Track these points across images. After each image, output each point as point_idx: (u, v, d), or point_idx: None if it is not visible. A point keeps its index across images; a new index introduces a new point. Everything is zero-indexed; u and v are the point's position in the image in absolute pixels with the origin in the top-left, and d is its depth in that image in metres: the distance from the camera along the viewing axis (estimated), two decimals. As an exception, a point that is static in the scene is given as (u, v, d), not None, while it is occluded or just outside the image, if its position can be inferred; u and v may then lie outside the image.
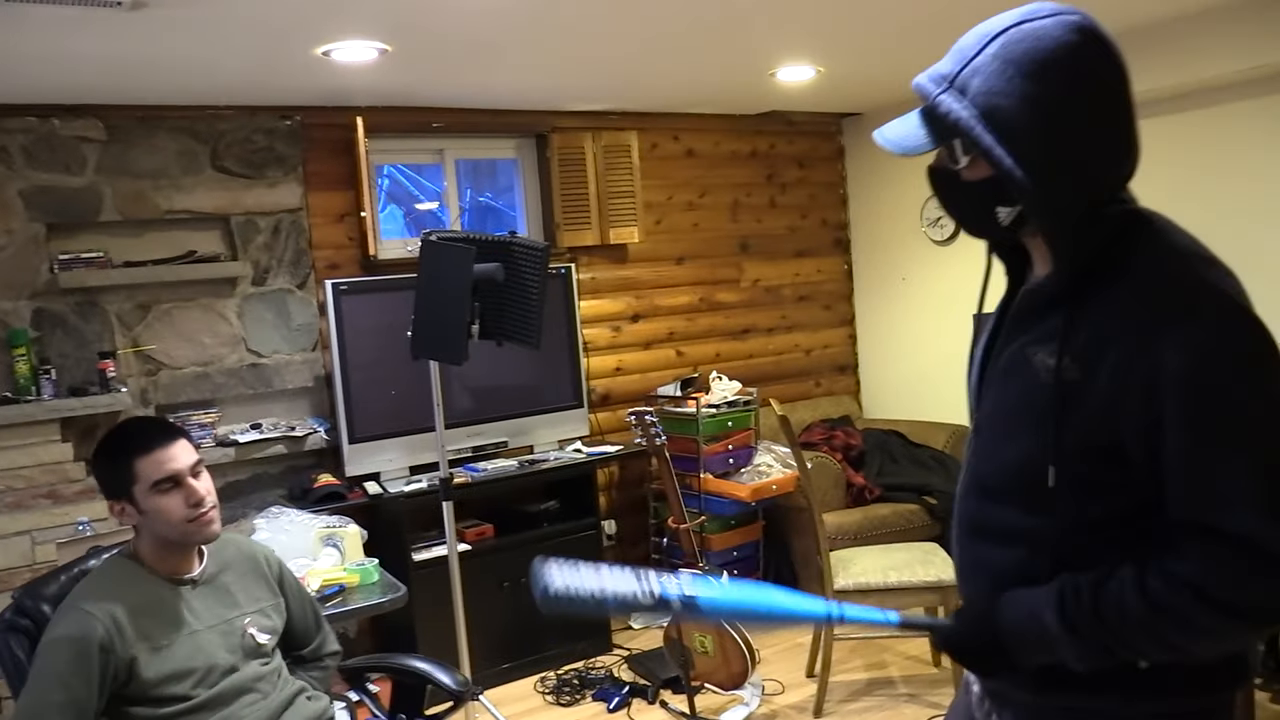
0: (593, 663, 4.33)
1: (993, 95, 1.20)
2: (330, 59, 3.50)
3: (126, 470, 2.04)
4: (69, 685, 1.90)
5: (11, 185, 3.78)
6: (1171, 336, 1.12)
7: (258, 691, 2.14)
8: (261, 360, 4.25)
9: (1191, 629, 1.13)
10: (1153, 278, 1.18)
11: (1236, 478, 1.10)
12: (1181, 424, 1.11)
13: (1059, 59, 1.18)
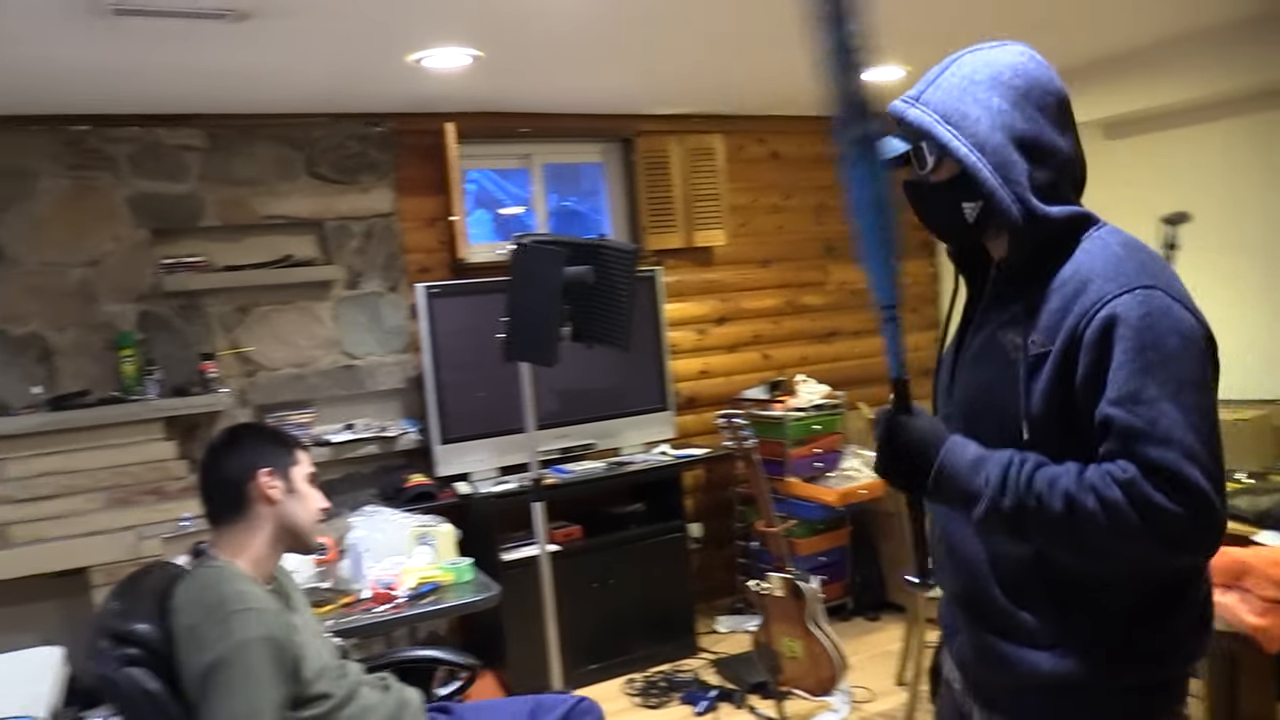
0: (680, 665, 4.33)
1: (950, 102, 1.39)
2: (422, 66, 3.55)
3: (293, 451, 2.17)
4: (275, 686, 1.91)
5: (119, 193, 3.91)
6: (1122, 301, 1.26)
7: (369, 685, 2.19)
8: (355, 362, 4.34)
9: (1107, 522, 1.21)
10: (1103, 257, 1.33)
11: (1171, 421, 1.21)
12: (1129, 370, 1.24)
13: (1007, 71, 1.39)
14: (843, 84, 1.29)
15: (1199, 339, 1.28)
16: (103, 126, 3.88)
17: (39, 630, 3.60)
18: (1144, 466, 1.20)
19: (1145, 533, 1.20)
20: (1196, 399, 1.23)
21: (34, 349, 3.79)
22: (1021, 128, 1.36)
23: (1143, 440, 1.21)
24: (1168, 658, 1.37)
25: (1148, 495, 1.19)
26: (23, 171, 3.77)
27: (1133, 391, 1.23)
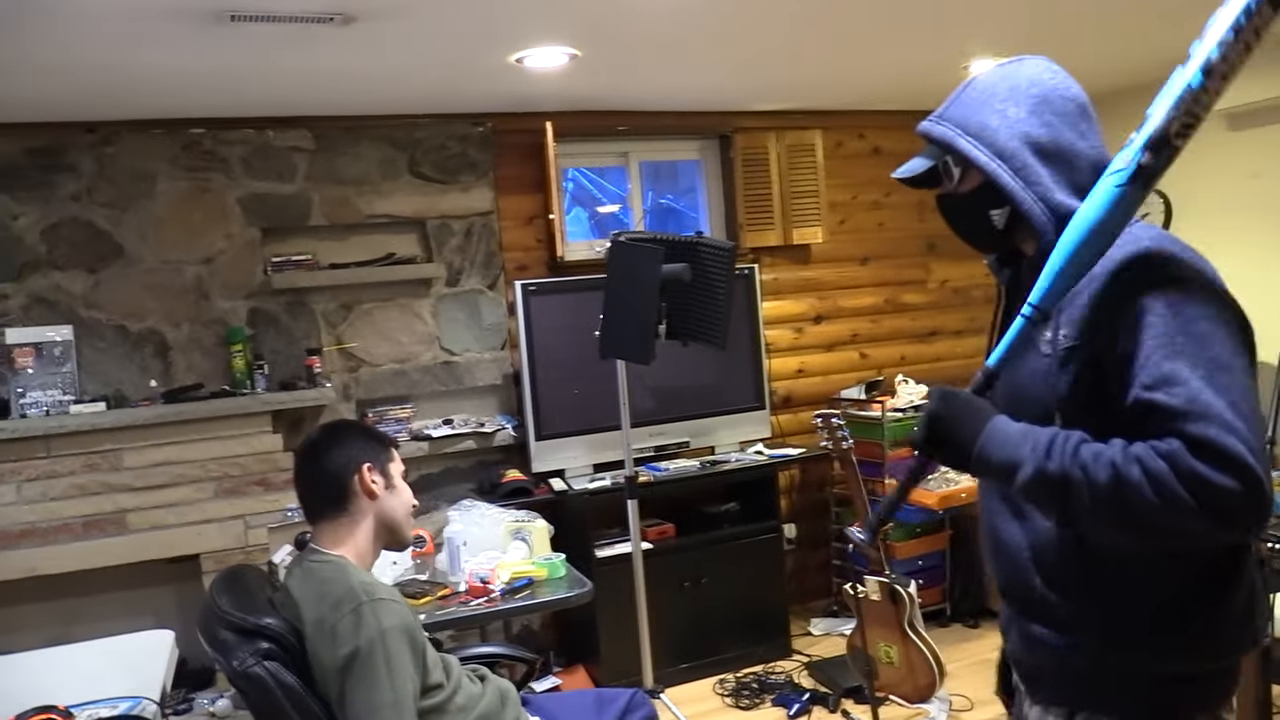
0: (772, 667, 4.28)
1: (970, 115, 1.45)
2: (522, 66, 3.58)
3: (389, 448, 2.23)
4: (412, 676, 1.97)
5: (231, 193, 4.05)
6: (1152, 293, 1.28)
7: (466, 677, 2.22)
8: (454, 358, 4.41)
9: (1153, 494, 1.19)
10: (1134, 252, 1.33)
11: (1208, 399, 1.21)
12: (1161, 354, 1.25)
13: (1024, 82, 1.45)
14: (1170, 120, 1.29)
15: (1230, 322, 1.28)
16: (216, 129, 4.02)
17: (154, 614, 3.76)
18: (1188, 442, 1.19)
19: (1191, 505, 1.18)
20: (1231, 379, 1.23)
21: (151, 344, 3.94)
22: (1039, 134, 1.41)
23: (1182, 419, 1.20)
24: (1211, 649, 1.36)
25: (1193, 467, 1.18)
26: (143, 173, 3.93)
27: (1166, 374, 1.23)
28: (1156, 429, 1.23)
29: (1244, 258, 4.55)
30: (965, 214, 1.52)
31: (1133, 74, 4.75)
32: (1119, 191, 1.28)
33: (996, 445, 1.33)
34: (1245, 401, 1.22)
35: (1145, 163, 1.27)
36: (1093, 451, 1.25)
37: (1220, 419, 1.19)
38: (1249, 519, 1.20)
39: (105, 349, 3.88)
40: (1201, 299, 1.28)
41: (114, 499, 3.64)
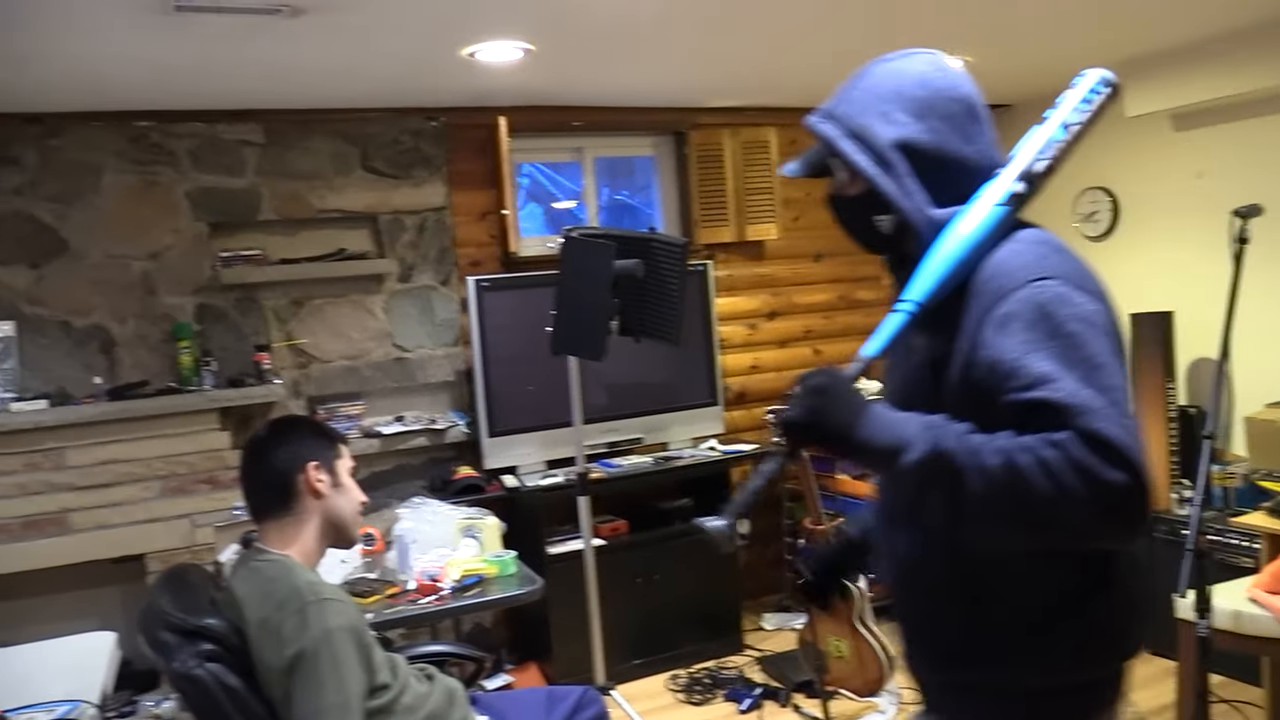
0: (724, 662, 4.30)
1: (856, 116, 1.44)
2: (475, 60, 3.56)
3: (336, 445, 2.20)
4: (360, 676, 1.93)
5: (179, 187, 3.99)
6: (1017, 295, 1.29)
7: (414, 677, 2.20)
8: (406, 355, 4.38)
9: (1044, 481, 1.17)
10: (1002, 255, 1.36)
11: (1089, 394, 1.20)
12: (1036, 356, 1.24)
13: (911, 82, 1.43)
14: None
15: (1102, 323, 1.28)
16: (164, 122, 3.96)
17: (98, 616, 3.69)
18: (1077, 433, 1.18)
19: (1083, 495, 1.16)
20: (1108, 377, 1.23)
21: (96, 340, 3.88)
22: (923, 140, 1.40)
23: (1067, 413, 1.19)
24: (1087, 659, 1.37)
25: (1084, 457, 1.16)
26: (88, 167, 3.86)
27: (1044, 374, 1.22)
28: (1045, 422, 1.20)
29: (1189, 256, 4.64)
30: (853, 216, 1.51)
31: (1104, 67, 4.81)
32: (999, 211, 1.39)
33: (881, 426, 1.29)
34: (1124, 399, 1.22)
35: (1020, 191, 1.41)
36: (982, 438, 1.23)
37: (1105, 413, 1.18)
38: (1136, 514, 1.18)
39: (48, 345, 3.80)
40: (1072, 301, 1.28)
41: (56, 498, 3.57)
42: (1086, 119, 1.45)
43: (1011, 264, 1.33)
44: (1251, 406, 4.07)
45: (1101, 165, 5.03)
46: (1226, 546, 3.64)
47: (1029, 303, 1.27)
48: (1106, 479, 1.15)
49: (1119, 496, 1.16)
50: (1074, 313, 1.27)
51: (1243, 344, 3.44)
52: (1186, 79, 4.29)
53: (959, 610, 1.40)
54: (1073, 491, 1.16)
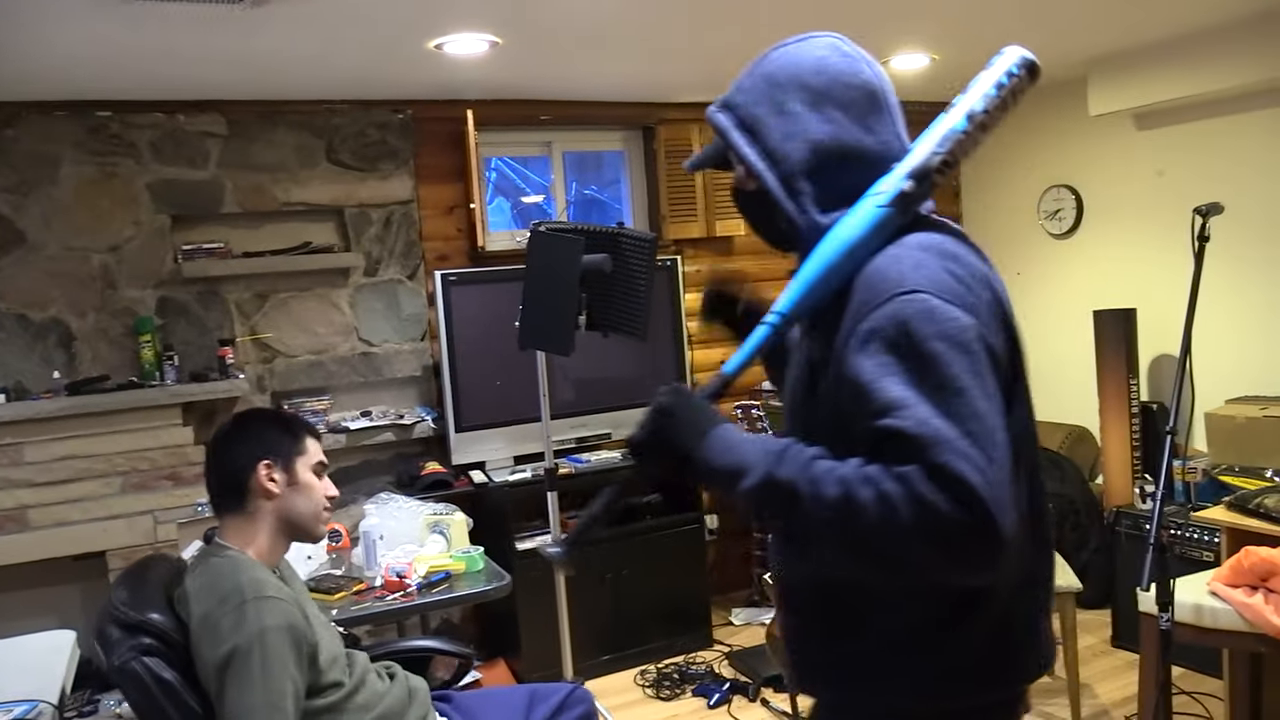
0: (693, 658, 4.31)
1: (748, 107, 1.36)
2: (442, 52, 3.53)
3: (299, 440, 2.13)
4: (293, 675, 1.89)
5: (139, 179, 3.92)
6: (881, 312, 1.19)
7: (374, 673, 2.18)
8: (372, 349, 4.34)
9: (881, 515, 1.11)
10: (876, 264, 1.25)
11: (940, 425, 1.12)
12: (890, 380, 1.16)
13: (808, 70, 1.33)
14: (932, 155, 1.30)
15: (969, 340, 1.17)
16: (124, 113, 3.89)
17: (58, 613, 3.64)
18: (923, 466, 1.10)
19: (920, 533, 1.10)
20: (965, 404, 1.13)
21: (55, 334, 3.81)
22: (818, 133, 1.32)
23: (914, 444, 1.11)
24: (957, 686, 1.29)
25: (922, 494, 1.09)
26: (46, 157, 3.78)
27: (895, 399, 1.14)
28: (891, 456, 1.13)
29: (1151, 254, 4.69)
30: (755, 212, 1.42)
31: (1067, 66, 4.86)
32: (880, 212, 1.28)
33: (721, 449, 1.25)
34: (982, 428, 1.12)
35: (908, 190, 1.28)
36: (827, 466, 1.18)
37: (952, 445, 1.10)
38: (979, 554, 1.11)
39: (5, 339, 3.73)
40: (938, 317, 1.17)
41: (14, 494, 3.51)
42: (995, 107, 1.30)
43: (883, 274, 1.23)
44: (1212, 402, 4.13)
45: (1066, 163, 5.08)
46: (1188, 540, 3.69)
47: (892, 319, 1.18)
48: (948, 517, 1.08)
49: (960, 536, 1.09)
50: (938, 330, 1.16)
51: (1204, 340, 3.50)
52: (1149, 79, 4.34)
53: (823, 629, 1.35)
54: (911, 529, 1.10)
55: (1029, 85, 1.32)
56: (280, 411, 2.24)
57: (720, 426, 1.27)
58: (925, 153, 1.30)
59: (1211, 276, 2.94)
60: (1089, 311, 4.54)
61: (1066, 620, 3.47)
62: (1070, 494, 4.56)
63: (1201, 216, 2.87)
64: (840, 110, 1.32)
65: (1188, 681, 3.61)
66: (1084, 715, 3.50)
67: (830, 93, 1.32)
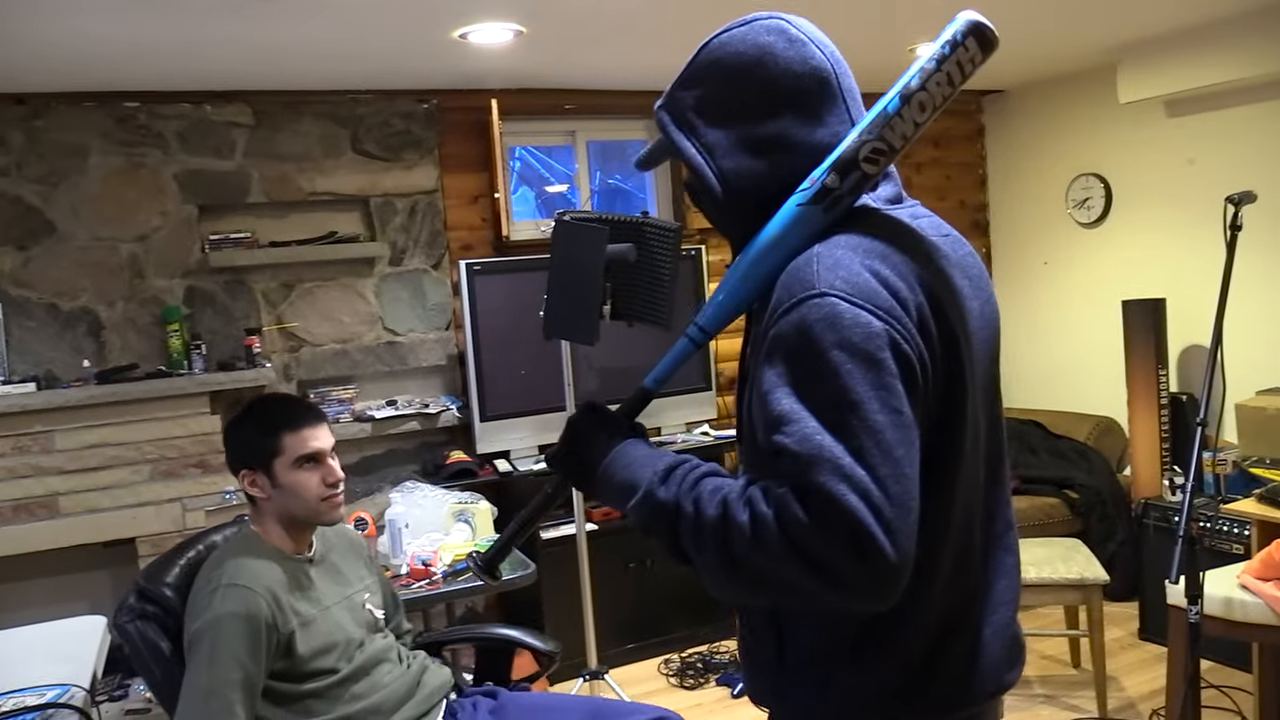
0: (716, 647, 4.31)
1: (685, 98, 1.28)
2: (467, 41, 3.54)
3: (274, 442, 2.10)
4: (244, 663, 1.91)
5: (167, 169, 3.95)
6: (785, 319, 1.11)
7: (390, 661, 2.19)
8: (397, 338, 4.36)
9: (753, 539, 1.06)
10: (790, 271, 1.16)
11: (825, 443, 1.05)
12: (783, 391, 1.10)
13: (747, 57, 1.23)
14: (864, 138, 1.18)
15: (874, 348, 1.07)
16: (151, 103, 3.92)
17: (89, 599, 3.69)
18: (798, 487, 1.04)
19: (793, 559, 1.04)
20: (859, 418, 1.05)
21: (84, 323, 3.85)
22: (753, 126, 1.22)
23: (794, 462, 1.05)
24: (885, 708, 1.21)
25: (793, 515, 1.03)
26: (75, 148, 3.82)
27: (784, 412, 1.07)
28: (778, 473, 1.07)
29: (1181, 243, 4.64)
30: (707, 206, 1.32)
31: (1097, 53, 4.81)
32: (797, 211, 1.18)
33: (620, 465, 1.22)
34: (876, 446, 1.04)
35: (829, 183, 1.16)
36: (713, 486, 1.13)
37: (834, 464, 1.02)
38: (858, 580, 1.03)
39: (35, 328, 3.78)
40: (843, 322, 1.08)
41: (45, 482, 3.55)
42: (936, 83, 1.16)
43: (798, 275, 1.14)
44: (1243, 393, 4.08)
45: (1094, 152, 5.02)
46: (1217, 533, 3.66)
47: (795, 325, 1.10)
48: (818, 541, 1.02)
49: (832, 562, 1.02)
50: (839, 338, 1.07)
51: (1235, 331, 3.45)
52: (1180, 65, 4.29)
53: (758, 646, 1.30)
54: (783, 553, 1.04)
55: (980, 56, 1.16)
56: (262, 408, 2.21)
57: (624, 443, 1.24)
58: (853, 141, 1.18)
59: (1243, 266, 2.90)
60: (1117, 301, 4.50)
61: (1093, 613, 3.45)
62: (1098, 485, 4.52)
63: (1234, 205, 2.83)
64: (785, 103, 1.22)
65: (1217, 675, 3.58)
66: (1111, 708, 3.48)
67: (776, 84, 1.22)
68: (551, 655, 2.51)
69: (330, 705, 2.06)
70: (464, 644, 2.71)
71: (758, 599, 1.20)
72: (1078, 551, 3.62)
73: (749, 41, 1.24)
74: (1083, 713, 3.49)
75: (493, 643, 2.60)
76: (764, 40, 1.24)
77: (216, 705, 1.87)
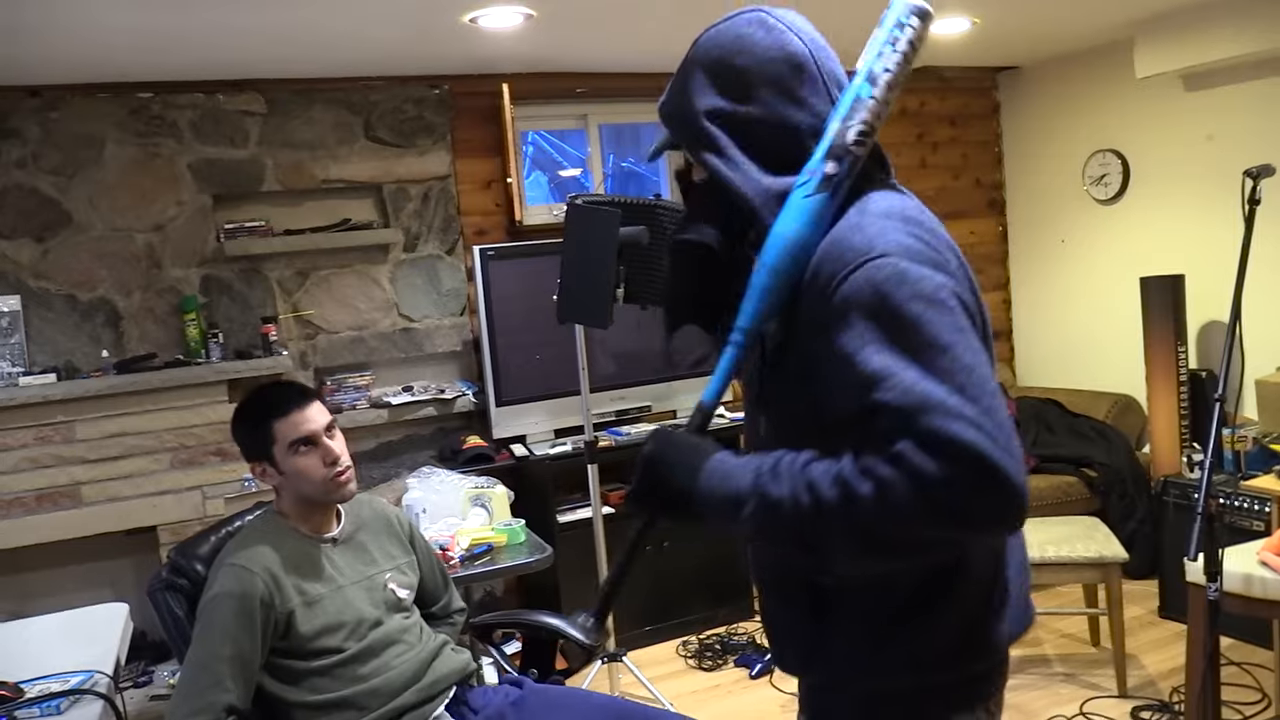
0: (734, 629, 4.32)
1: (681, 92, 1.33)
2: (477, 26, 3.53)
3: (265, 433, 2.13)
4: (236, 639, 1.97)
5: (181, 159, 3.97)
6: (850, 282, 1.15)
7: (404, 643, 2.20)
8: (412, 325, 4.37)
9: (883, 504, 1.07)
10: (836, 234, 1.21)
11: (928, 387, 1.08)
12: (870, 350, 1.12)
13: (729, 48, 1.30)
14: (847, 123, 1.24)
15: (946, 297, 1.14)
16: (165, 93, 3.94)
17: (112, 587, 3.73)
18: (913, 438, 1.06)
19: (928, 510, 1.06)
20: (952, 359, 1.09)
21: (102, 313, 3.87)
22: (748, 114, 1.28)
23: (902, 416, 1.07)
24: (941, 659, 1.26)
25: (918, 466, 1.05)
26: (90, 139, 3.84)
27: (878, 370, 1.10)
28: (883, 427, 1.09)
29: (1200, 219, 4.59)
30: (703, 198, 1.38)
31: (1113, 28, 4.76)
32: (809, 203, 1.23)
33: (717, 481, 1.20)
34: (972, 382, 1.08)
35: (830, 172, 1.23)
36: (822, 468, 1.13)
37: (942, 407, 1.06)
38: (994, 512, 1.07)
39: (54, 319, 3.81)
40: (909, 278, 1.13)
41: (67, 471, 3.59)
42: (898, 64, 1.25)
43: (847, 244, 1.19)
44: (1263, 369, 4.05)
45: (1111, 128, 4.98)
46: (1237, 510, 3.63)
47: (864, 286, 1.14)
48: (950, 484, 1.05)
49: (966, 498, 1.05)
50: (913, 291, 1.12)
51: (1254, 307, 3.41)
52: (1197, 39, 4.23)
53: (807, 615, 1.32)
54: (919, 509, 1.06)
55: (925, 31, 1.27)
56: (249, 402, 2.23)
57: (711, 459, 1.23)
58: (838, 128, 1.24)
59: (1263, 241, 2.87)
60: (1135, 278, 4.46)
61: (1112, 591, 3.44)
62: (1116, 464, 4.50)
63: (1252, 179, 2.79)
64: (768, 89, 1.28)
65: (1236, 652, 3.57)
66: (1130, 686, 3.47)
67: (759, 72, 1.28)
68: (590, 649, 2.47)
69: (334, 684, 2.08)
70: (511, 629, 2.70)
71: (893, 564, 1.20)
72: (1096, 530, 3.61)
73: (729, 32, 1.31)
74: (1102, 691, 3.49)
75: (536, 630, 2.58)
76: (741, 30, 1.30)
77: (206, 679, 1.93)
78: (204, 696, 1.92)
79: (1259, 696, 3.32)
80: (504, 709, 2.22)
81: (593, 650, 1.45)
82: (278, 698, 2.06)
